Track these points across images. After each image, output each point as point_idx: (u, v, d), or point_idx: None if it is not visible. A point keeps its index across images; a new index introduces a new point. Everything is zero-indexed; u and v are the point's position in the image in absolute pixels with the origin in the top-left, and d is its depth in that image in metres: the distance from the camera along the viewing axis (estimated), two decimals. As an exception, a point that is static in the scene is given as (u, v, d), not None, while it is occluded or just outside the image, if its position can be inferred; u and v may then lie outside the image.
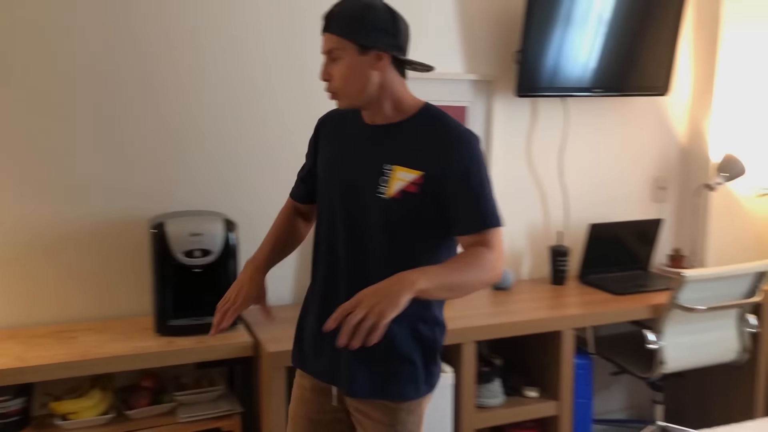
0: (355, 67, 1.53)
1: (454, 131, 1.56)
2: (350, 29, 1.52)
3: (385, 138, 1.60)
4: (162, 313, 2.22)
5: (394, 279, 1.40)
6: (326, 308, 1.57)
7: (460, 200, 1.53)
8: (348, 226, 1.62)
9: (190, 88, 2.45)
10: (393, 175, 1.56)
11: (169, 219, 2.23)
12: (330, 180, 1.68)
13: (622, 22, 2.88)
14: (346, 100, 1.59)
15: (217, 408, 2.24)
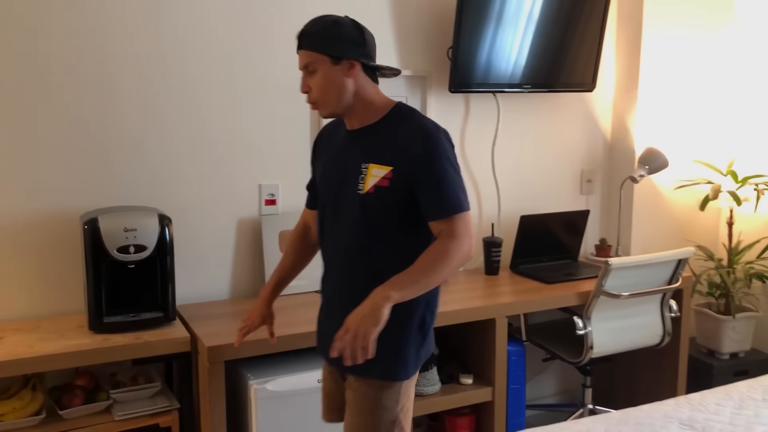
0: (331, 76, 1.70)
1: (419, 126, 1.71)
2: (322, 44, 1.70)
3: (362, 140, 1.77)
4: (96, 310, 2.18)
5: (370, 300, 1.60)
6: (328, 298, 1.86)
7: (426, 189, 1.68)
8: (338, 222, 1.79)
9: (121, 83, 2.41)
10: (368, 172, 1.72)
11: (102, 214, 2.19)
12: (323, 184, 1.87)
13: (550, 22, 2.98)
14: (326, 109, 1.75)
15: (154, 404, 2.22)
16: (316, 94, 1.73)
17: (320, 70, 1.70)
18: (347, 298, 1.72)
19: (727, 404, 2.03)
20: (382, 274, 1.66)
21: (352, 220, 1.75)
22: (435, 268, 1.65)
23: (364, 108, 1.76)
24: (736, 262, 3.30)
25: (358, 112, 1.76)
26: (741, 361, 3.28)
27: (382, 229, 1.73)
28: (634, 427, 1.87)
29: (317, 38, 1.71)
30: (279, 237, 2.65)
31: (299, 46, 1.74)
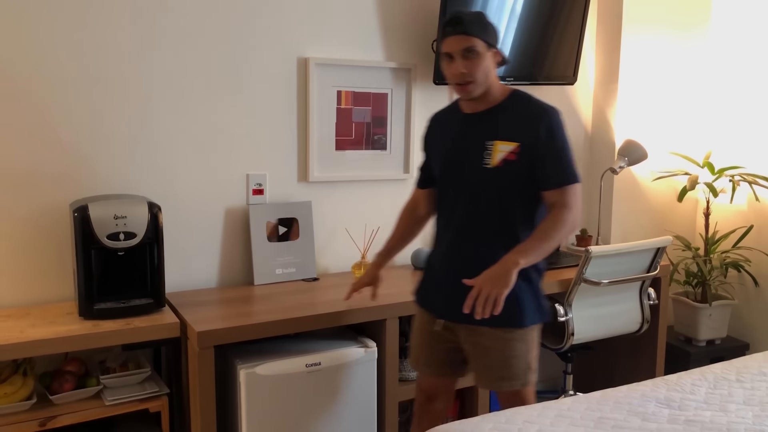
0: (486, 60, 1.95)
1: (540, 107, 2.00)
2: (481, 30, 1.94)
3: (484, 120, 2.03)
4: (86, 296, 2.21)
5: (501, 264, 1.89)
6: (451, 261, 2.08)
7: (545, 161, 1.96)
8: (462, 195, 2.04)
9: (111, 74, 2.43)
10: (494, 149, 1.98)
11: (92, 202, 2.22)
12: (444, 163, 2.10)
13: (532, 16, 3.04)
14: (479, 89, 1.98)
15: (144, 390, 2.25)
16: (472, 75, 1.94)
17: (479, 54, 1.93)
18: (466, 261, 2.02)
19: (702, 384, 2.09)
20: (498, 239, 1.99)
21: (475, 192, 2.01)
22: (552, 236, 1.94)
23: (491, 92, 2.01)
24: (712, 252, 3.38)
25: (488, 94, 2.01)
26: (717, 348, 3.37)
27: (503, 199, 2.00)
28: (613, 405, 1.93)
29: (476, 25, 1.93)
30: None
31: (455, 31, 1.93)
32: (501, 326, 2.02)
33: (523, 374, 2.07)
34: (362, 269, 2.82)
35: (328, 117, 2.84)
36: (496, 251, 1.95)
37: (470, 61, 1.94)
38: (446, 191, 2.11)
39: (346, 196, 2.93)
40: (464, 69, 1.94)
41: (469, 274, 1.93)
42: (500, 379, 2.08)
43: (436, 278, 2.15)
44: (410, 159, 3.02)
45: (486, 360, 2.07)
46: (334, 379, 2.35)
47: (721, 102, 3.52)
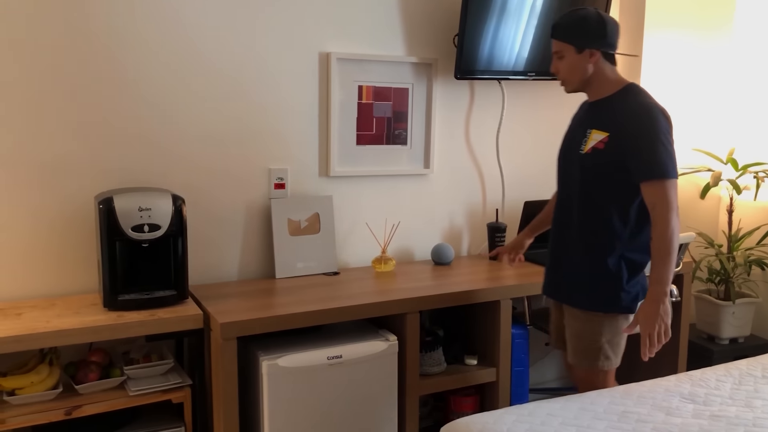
0: (574, 62, 2.14)
1: (640, 102, 2.10)
2: (568, 35, 2.13)
3: (593, 110, 2.21)
4: (111, 288, 2.23)
5: (652, 303, 2.02)
6: (552, 241, 2.32)
7: (637, 154, 2.05)
8: (563, 178, 2.27)
9: (136, 65, 2.45)
10: (590, 136, 2.15)
11: (117, 194, 2.24)
12: (561, 147, 2.32)
13: (553, 10, 3.02)
14: (570, 86, 2.20)
15: (167, 381, 2.27)
16: (563, 75, 2.18)
17: (566, 56, 2.14)
18: (560, 243, 2.26)
19: (727, 380, 2.08)
20: (586, 223, 2.16)
21: (574, 177, 2.19)
22: (667, 249, 2.02)
23: (599, 85, 2.16)
24: (735, 249, 3.35)
25: (594, 88, 2.18)
26: (740, 347, 3.33)
27: (590, 185, 2.14)
28: (637, 400, 1.92)
29: (565, 30, 2.14)
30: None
31: (551, 35, 2.17)
32: (587, 309, 2.19)
33: (604, 357, 2.20)
34: (382, 264, 2.83)
35: (349, 112, 2.84)
36: (587, 236, 2.17)
37: (558, 62, 2.18)
38: (558, 175, 2.32)
39: (366, 191, 2.93)
40: (553, 69, 2.21)
41: (568, 258, 2.22)
42: (584, 357, 2.22)
43: (549, 260, 2.36)
44: (430, 154, 3.02)
45: (575, 339, 2.24)
46: (355, 372, 2.36)
47: (745, 98, 3.48)
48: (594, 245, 2.17)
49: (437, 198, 3.10)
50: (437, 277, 2.79)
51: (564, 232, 2.25)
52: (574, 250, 2.21)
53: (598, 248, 2.16)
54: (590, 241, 2.17)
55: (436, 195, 3.10)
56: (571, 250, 2.22)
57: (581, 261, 2.20)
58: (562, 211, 2.28)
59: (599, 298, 2.17)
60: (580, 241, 2.19)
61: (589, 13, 2.13)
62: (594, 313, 2.18)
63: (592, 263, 2.17)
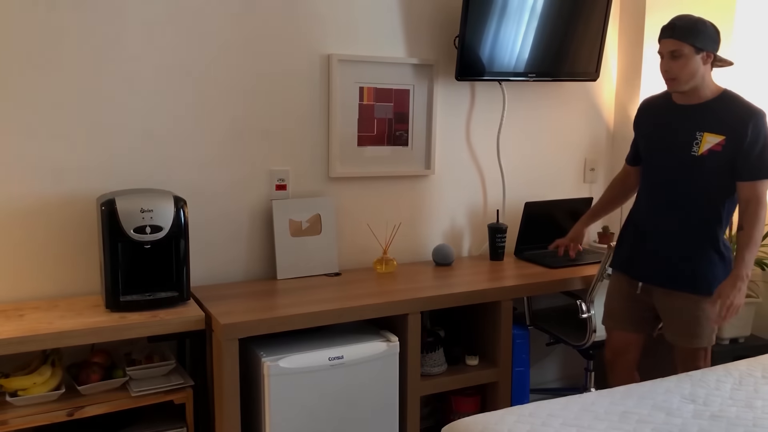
0: (692, 62, 2.25)
1: (747, 108, 2.29)
2: (690, 36, 2.24)
3: (695, 114, 2.33)
4: (113, 289, 2.24)
5: (734, 281, 2.25)
6: (657, 234, 2.43)
7: (746, 156, 2.25)
8: (671, 177, 2.38)
9: (137, 67, 2.46)
10: (703, 139, 2.30)
11: (119, 196, 2.25)
12: (654, 145, 2.45)
13: (555, 11, 3.03)
14: (683, 85, 2.29)
15: (169, 382, 2.28)
16: (676, 74, 2.27)
17: (684, 56, 2.24)
18: (671, 235, 2.38)
19: (727, 380, 2.08)
20: (695, 217, 2.33)
21: (682, 175, 2.34)
22: (755, 237, 2.27)
23: (704, 88, 2.31)
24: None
25: (700, 91, 2.31)
26: (741, 347, 3.33)
27: (704, 183, 2.31)
28: (637, 400, 1.93)
29: (687, 31, 2.24)
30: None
31: (667, 35, 2.26)
32: (693, 292, 2.36)
33: (708, 334, 2.41)
34: (384, 264, 2.84)
35: (351, 113, 2.85)
36: (694, 226, 2.35)
37: (675, 62, 2.26)
38: (654, 171, 2.46)
39: (367, 192, 2.94)
40: (668, 68, 2.29)
41: (671, 246, 2.38)
42: (691, 336, 2.40)
43: (642, 247, 2.47)
44: (431, 155, 3.03)
45: (679, 320, 2.41)
46: (357, 373, 2.36)
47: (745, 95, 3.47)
48: (710, 239, 2.36)
49: (438, 199, 3.11)
50: (438, 278, 2.80)
51: (672, 225, 2.39)
52: (686, 241, 2.37)
53: (712, 244, 2.36)
54: (707, 235, 2.36)
55: (437, 196, 3.10)
56: (684, 241, 2.37)
57: (697, 252, 2.37)
58: (662, 205, 2.42)
59: (713, 283, 2.34)
60: (691, 232, 2.36)
61: (702, 19, 2.29)
62: (709, 297, 2.35)
63: (706, 252, 2.36)
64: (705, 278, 2.37)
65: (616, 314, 2.58)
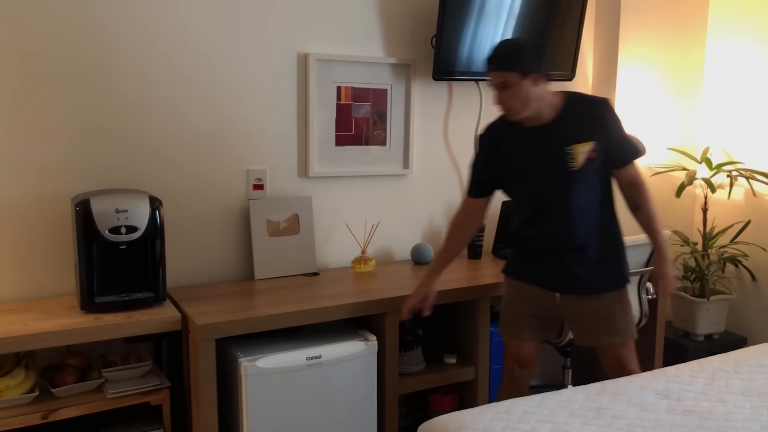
0: (521, 90, 2.13)
1: (594, 103, 2.26)
2: (513, 64, 2.12)
3: (555, 131, 2.22)
4: (88, 290, 2.22)
5: (663, 257, 2.31)
6: (563, 247, 2.30)
7: (617, 145, 2.24)
8: (554, 197, 2.26)
9: (113, 66, 2.44)
10: (575, 152, 2.20)
11: (93, 196, 2.23)
12: (524, 172, 2.29)
13: (531, 10, 3.05)
14: (516, 115, 2.19)
15: (145, 383, 2.26)
16: (510, 104, 2.16)
17: (512, 85, 2.12)
18: (575, 246, 2.28)
19: (700, 376, 2.11)
20: (595, 221, 2.27)
21: (568, 191, 2.23)
22: (655, 209, 2.31)
23: (547, 107, 2.21)
24: (710, 247, 3.40)
25: (544, 111, 2.21)
26: (715, 343, 3.39)
27: (592, 190, 2.26)
28: (612, 396, 1.95)
29: (511, 60, 2.12)
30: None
31: (492, 68, 2.15)
32: (607, 291, 2.32)
33: (631, 326, 2.37)
34: (362, 264, 2.84)
35: (328, 112, 2.85)
36: (596, 233, 2.29)
37: (506, 93, 2.15)
38: (535, 196, 2.31)
39: (345, 192, 2.94)
40: (502, 100, 2.18)
41: (579, 259, 2.29)
42: (614, 333, 2.34)
43: (549, 262, 2.34)
44: (409, 155, 3.04)
45: (593, 323, 2.34)
46: (335, 373, 2.36)
47: (719, 97, 3.53)
48: (606, 238, 2.33)
49: (416, 198, 3.12)
50: (417, 277, 2.78)
51: (572, 237, 2.28)
52: (589, 249, 2.29)
53: (607, 235, 2.33)
54: (604, 236, 2.32)
55: (416, 195, 3.11)
56: (586, 247, 2.29)
57: (597, 252, 2.30)
58: (555, 224, 2.29)
59: (621, 276, 2.36)
60: (592, 238, 2.29)
61: (522, 41, 2.25)
62: (620, 292, 2.35)
63: (605, 250, 2.32)
64: (620, 274, 2.35)
65: (523, 324, 2.42)
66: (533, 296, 2.39)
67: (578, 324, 2.40)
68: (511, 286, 2.47)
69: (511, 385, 2.47)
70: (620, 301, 2.35)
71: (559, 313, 2.39)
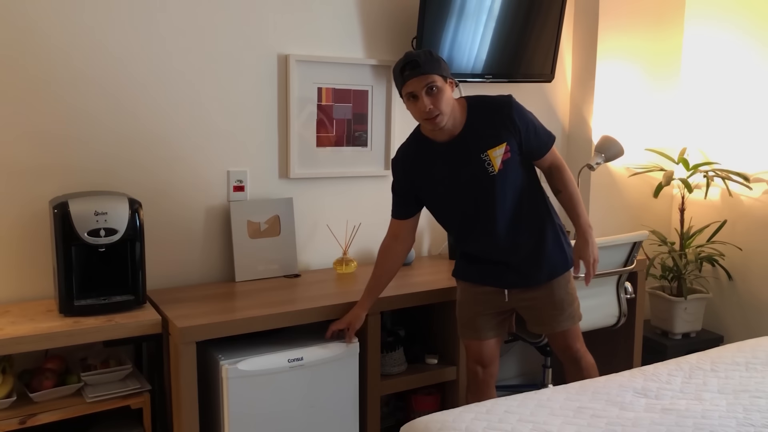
0: (446, 92, 2.15)
1: (497, 104, 2.24)
2: (436, 67, 2.13)
3: (466, 139, 2.22)
4: (66, 293, 2.20)
5: (585, 237, 2.32)
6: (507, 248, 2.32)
7: (530, 137, 2.25)
8: (481, 205, 2.27)
9: (92, 71, 2.42)
10: (491, 157, 2.21)
11: (72, 198, 2.20)
12: (448, 192, 2.30)
13: (511, 13, 3.07)
14: (444, 120, 2.16)
15: (125, 386, 2.24)
16: (440, 108, 2.13)
17: (440, 88, 2.12)
18: (519, 244, 2.31)
19: (678, 374, 2.14)
20: (531, 215, 2.30)
21: (493, 197, 2.24)
22: (576, 190, 2.37)
23: (457, 114, 2.21)
24: (687, 246, 3.44)
25: (456, 119, 2.21)
26: (692, 341, 3.43)
27: (517, 187, 2.27)
28: (592, 395, 1.97)
29: (433, 63, 2.13)
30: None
31: (417, 72, 2.10)
32: (552, 279, 2.36)
33: (577, 308, 2.43)
34: (344, 265, 2.84)
35: (309, 114, 2.85)
36: (532, 230, 2.32)
37: (434, 97, 2.12)
38: (463, 213, 2.32)
39: (327, 193, 2.94)
40: (431, 105, 2.13)
41: (521, 259, 2.32)
42: (565, 318, 2.39)
43: (493, 264, 2.36)
44: (390, 155, 3.03)
45: (544, 310, 2.38)
46: (317, 375, 2.36)
47: (696, 98, 3.58)
48: (538, 228, 2.34)
49: (397, 199, 3.12)
50: (398, 278, 2.79)
51: (514, 236, 2.31)
52: (522, 244, 2.32)
53: (541, 225, 2.35)
54: (535, 227, 2.34)
55: (396, 196, 3.11)
56: (525, 240, 2.32)
57: (536, 245, 2.34)
58: (489, 231, 2.30)
59: (566, 259, 2.39)
60: (523, 233, 2.31)
61: (429, 50, 2.23)
62: (566, 275, 2.39)
63: (542, 240, 2.34)
64: (558, 262, 2.37)
65: (479, 323, 2.43)
66: (483, 295, 2.41)
67: (529, 313, 2.43)
68: (462, 288, 2.48)
69: (476, 386, 2.49)
70: (566, 286, 2.39)
71: (510, 306, 2.42)
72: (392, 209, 2.44)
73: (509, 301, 2.40)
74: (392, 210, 2.44)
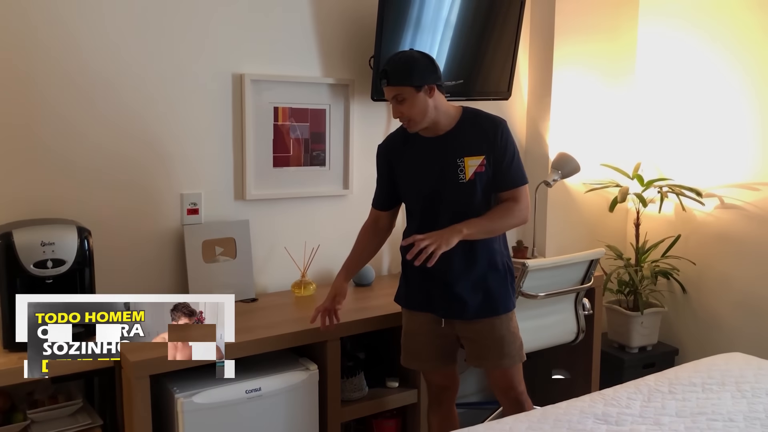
0: (418, 100, 2.16)
1: (490, 120, 2.28)
2: (405, 78, 2.15)
3: (449, 142, 2.26)
4: (11, 328, 2.10)
5: (449, 229, 2.17)
6: (448, 268, 2.26)
7: (503, 166, 2.26)
8: (444, 209, 2.26)
9: (37, 92, 2.33)
10: (466, 165, 2.23)
11: (16, 228, 2.12)
12: (416, 183, 2.31)
13: (466, 34, 3.07)
14: (416, 126, 2.22)
15: (76, 422, 2.17)
16: (407, 116, 2.18)
17: (407, 98, 2.15)
18: (458, 265, 2.26)
19: (637, 398, 2.15)
20: (479, 242, 2.25)
21: (456, 204, 2.24)
22: (498, 220, 2.26)
23: (444, 117, 2.24)
24: (642, 261, 3.49)
25: (441, 122, 2.24)
26: (649, 354, 3.48)
27: (479, 205, 2.26)
28: (553, 423, 1.97)
29: (403, 74, 2.15)
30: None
31: (386, 83, 2.17)
32: (492, 315, 2.31)
33: (518, 351, 2.37)
34: (302, 288, 2.79)
35: (265, 133, 2.79)
36: (478, 253, 2.28)
37: (403, 106, 2.18)
38: (424, 207, 2.31)
39: (284, 214, 2.89)
40: (400, 112, 2.20)
41: (461, 280, 2.28)
42: (500, 356, 2.34)
43: (433, 285, 2.33)
44: (349, 175, 3.01)
45: (485, 344, 2.34)
46: (276, 404, 2.32)
47: (649, 114, 3.64)
48: (488, 259, 2.31)
49: (357, 218, 3.04)
50: (358, 300, 2.78)
51: (452, 258, 2.23)
52: (472, 269, 2.29)
53: (493, 256, 2.32)
54: (486, 255, 2.30)
55: (356, 215, 3.05)
56: (470, 270, 2.28)
57: (483, 273, 2.30)
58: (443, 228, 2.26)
59: (507, 300, 2.36)
60: (479, 258, 2.29)
61: (414, 54, 2.23)
62: (507, 315, 2.35)
63: (491, 271, 2.32)
64: (501, 299, 2.33)
65: (425, 353, 2.41)
66: (426, 324, 2.37)
67: (469, 345, 2.39)
68: (404, 315, 2.45)
69: (438, 406, 2.49)
70: (508, 325, 2.35)
71: (453, 333, 2.38)
72: (373, 198, 2.48)
73: (451, 330, 2.35)
74: (373, 199, 2.48)
